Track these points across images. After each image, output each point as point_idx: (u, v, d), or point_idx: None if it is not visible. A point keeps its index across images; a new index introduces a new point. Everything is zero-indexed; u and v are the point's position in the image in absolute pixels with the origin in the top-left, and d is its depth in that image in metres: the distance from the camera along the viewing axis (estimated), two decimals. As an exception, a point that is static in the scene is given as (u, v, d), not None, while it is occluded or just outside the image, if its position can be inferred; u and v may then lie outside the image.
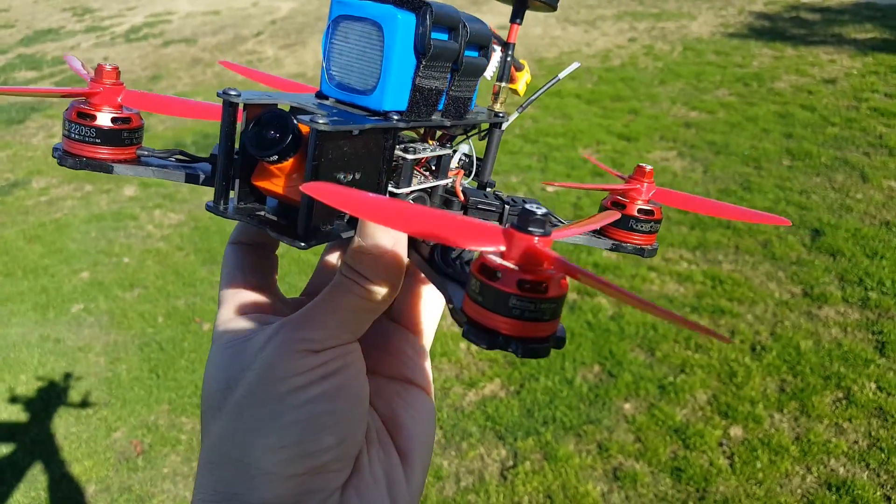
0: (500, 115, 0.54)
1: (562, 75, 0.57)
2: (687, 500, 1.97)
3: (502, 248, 0.31)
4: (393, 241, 0.38)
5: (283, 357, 0.37)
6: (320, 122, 0.36)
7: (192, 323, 3.06)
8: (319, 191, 0.32)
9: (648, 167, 0.55)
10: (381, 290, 0.39)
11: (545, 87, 0.57)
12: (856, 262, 2.88)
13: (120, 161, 0.45)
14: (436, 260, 0.39)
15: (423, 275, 0.48)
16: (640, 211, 0.54)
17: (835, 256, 2.93)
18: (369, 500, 0.41)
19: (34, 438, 2.51)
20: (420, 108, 0.45)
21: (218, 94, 0.40)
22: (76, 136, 0.45)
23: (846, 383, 2.29)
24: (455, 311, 0.33)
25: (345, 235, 0.42)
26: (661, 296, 2.80)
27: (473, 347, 2.63)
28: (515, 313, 0.30)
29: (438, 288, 0.38)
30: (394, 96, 0.43)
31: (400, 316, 0.51)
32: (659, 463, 2.08)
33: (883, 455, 2.04)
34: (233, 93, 0.40)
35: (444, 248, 0.40)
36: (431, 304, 0.51)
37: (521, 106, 0.57)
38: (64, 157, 0.44)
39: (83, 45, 8.16)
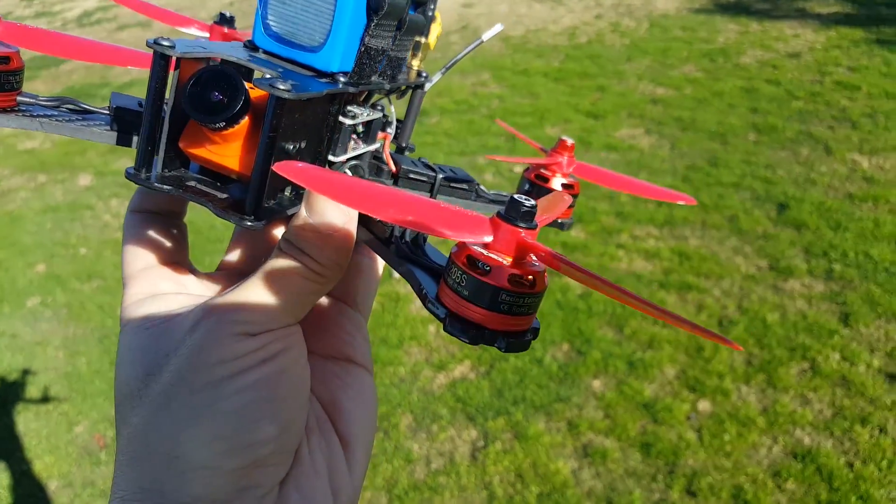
0: (423, 74, 0.52)
1: (485, 37, 0.55)
2: (656, 474, 1.98)
3: (488, 239, 0.30)
4: (345, 218, 0.35)
5: (216, 341, 0.34)
6: (280, 87, 0.32)
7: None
8: (298, 173, 0.29)
9: (570, 141, 0.55)
10: (327, 272, 0.35)
11: (469, 49, 0.55)
12: (820, 235, 2.90)
13: None
14: (398, 244, 0.36)
15: (362, 246, 0.45)
16: (562, 185, 0.54)
17: (800, 229, 2.96)
18: (310, 494, 0.38)
19: (-7, 435, 2.46)
20: (365, 70, 0.41)
21: (148, 44, 0.35)
22: None
23: (811, 354, 2.32)
24: (429, 300, 0.32)
25: (291, 211, 0.38)
26: (630, 273, 2.80)
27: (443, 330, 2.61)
28: (503, 308, 0.29)
29: (402, 274, 0.35)
30: (342, 56, 0.39)
31: (337, 289, 0.46)
32: (628, 438, 2.09)
33: (846, 423, 2.07)
34: (165, 43, 0.34)
35: (415, 234, 0.37)
36: (369, 277, 0.48)
37: (445, 67, 0.55)
38: None
39: (39, 30, 7.93)
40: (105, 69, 6.40)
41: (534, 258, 0.30)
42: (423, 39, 0.52)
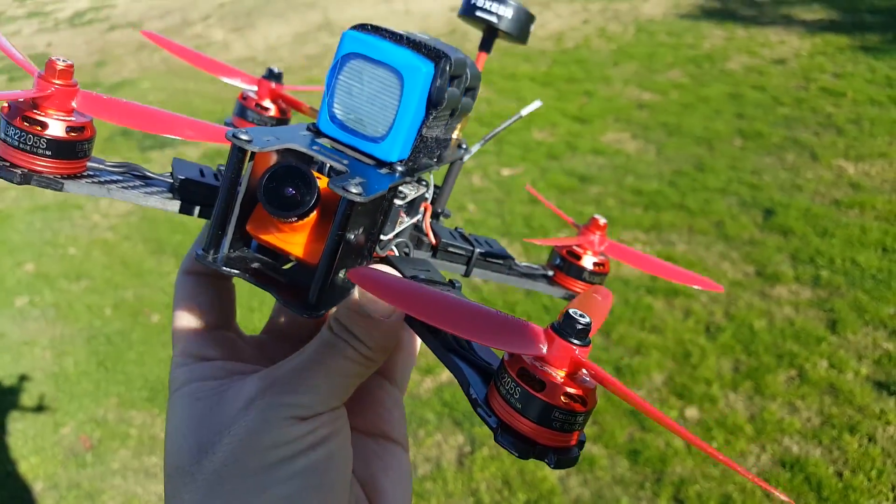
0: (464, 145, 0.54)
1: (524, 112, 0.57)
2: (644, 481, 1.98)
3: (542, 351, 0.30)
4: (395, 306, 0.36)
5: (269, 424, 0.35)
6: (353, 191, 0.33)
7: (141, 315, 2.98)
8: (370, 281, 0.31)
9: (603, 220, 0.57)
10: (374, 356, 0.37)
11: (507, 123, 0.58)
12: (807, 241, 2.92)
13: (70, 176, 0.40)
14: (450, 339, 0.36)
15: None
16: (593, 264, 0.56)
17: (786, 235, 2.97)
18: None
19: (-24, 437, 2.43)
20: (419, 156, 0.43)
21: (227, 136, 0.36)
22: (20, 145, 0.38)
23: (799, 361, 2.33)
24: (479, 405, 0.32)
25: (346, 296, 0.39)
26: (617, 278, 2.80)
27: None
28: (556, 425, 0.30)
29: (449, 368, 0.35)
30: (402, 146, 0.41)
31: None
32: (616, 445, 2.09)
33: (835, 432, 2.08)
34: (244, 137, 0.35)
35: None
36: (409, 353, 0.49)
37: (484, 138, 0.57)
38: (6, 167, 0.38)
39: (25, 31, 7.86)
40: (96, 69, 6.35)
41: (585, 373, 0.31)
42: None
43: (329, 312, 0.38)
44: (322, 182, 0.37)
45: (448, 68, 0.40)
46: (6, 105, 0.38)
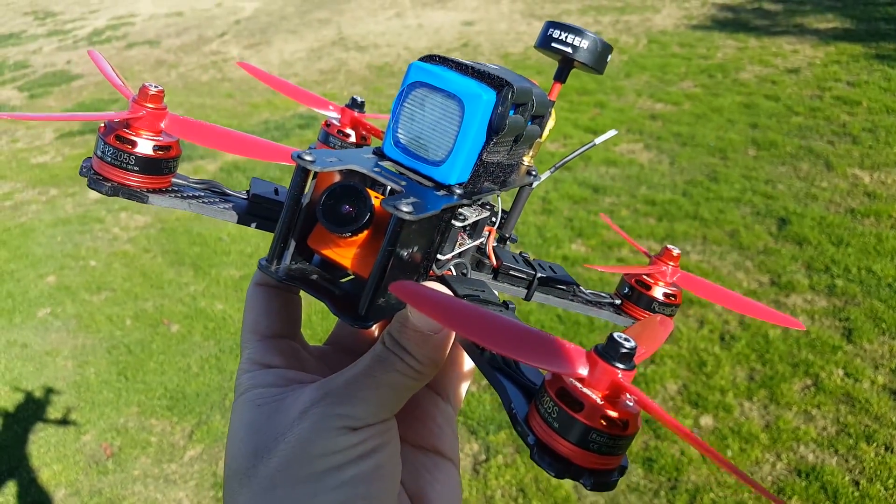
0: (533, 172, 0.54)
1: (598, 140, 0.57)
2: (659, 490, 1.99)
3: (583, 373, 0.30)
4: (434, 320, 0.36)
5: (320, 433, 0.36)
6: (404, 209, 0.35)
7: (161, 325, 3.02)
8: (413, 295, 0.31)
9: (676, 251, 0.55)
10: (424, 369, 0.38)
11: (581, 150, 0.57)
12: (822, 250, 2.92)
13: (155, 191, 0.43)
14: (497, 358, 0.37)
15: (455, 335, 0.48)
16: (663, 294, 0.54)
17: (801, 245, 2.97)
18: None
19: (2, 444, 2.47)
20: (479, 180, 0.44)
21: (292, 157, 0.38)
22: (113, 161, 0.42)
23: (814, 370, 2.33)
24: (519, 423, 0.32)
25: (399, 310, 0.41)
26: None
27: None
28: (594, 447, 0.29)
29: (493, 384, 0.36)
30: (461, 170, 0.42)
31: (432, 381, 0.48)
32: (630, 454, 2.10)
33: (851, 441, 2.07)
34: (308, 157, 0.38)
35: None
36: (463, 371, 0.50)
37: (554, 166, 0.57)
38: (97, 180, 0.42)
39: (45, 48, 8.01)
40: (114, 88, 6.44)
41: (628, 398, 0.30)
42: (537, 139, 0.54)
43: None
44: (378, 202, 0.39)
45: (510, 96, 0.41)
46: (102, 125, 0.43)
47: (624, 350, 0.30)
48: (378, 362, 0.37)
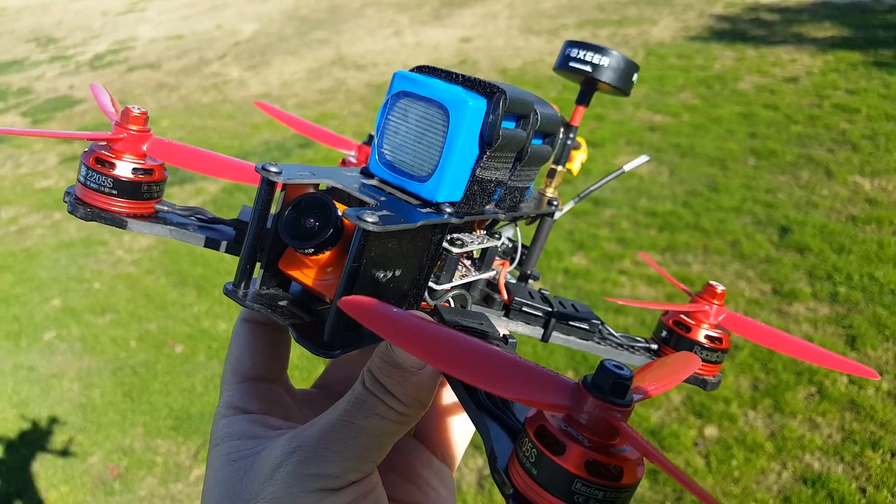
0: (555, 202, 0.49)
1: (627, 167, 0.54)
2: (664, 501, 1.98)
3: (568, 410, 0.26)
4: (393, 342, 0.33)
5: (293, 498, 0.32)
6: (368, 220, 0.32)
7: (165, 346, 3.03)
8: (361, 311, 0.28)
9: (720, 288, 0.48)
10: (409, 411, 0.33)
11: (608, 178, 0.53)
12: (824, 258, 2.92)
13: (136, 216, 0.41)
14: (483, 397, 0.32)
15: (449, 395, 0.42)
16: (706, 337, 0.47)
17: (803, 253, 2.97)
18: None
19: (10, 466, 2.48)
20: (475, 200, 0.40)
21: (256, 169, 0.36)
22: (92, 184, 0.40)
23: (818, 378, 2.32)
24: (497, 470, 0.27)
25: (371, 343, 0.36)
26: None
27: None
28: (579, 500, 0.24)
29: (475, 424, 0.31)
30: (450, 187, 0.38)
31: (424, 434, 0.44)
32: (636, 466, 2.09)
33: (857, 448, 2.07)
34: (273, 169, 0.35)
35: None
36: (460, 430, 0.45)
37: (579, 195, 0.53)
38: (75, 205, 0.40)
39: (48, 74, 8.08)
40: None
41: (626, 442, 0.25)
42: (558, 167, 0.50)
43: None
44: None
45: (502, 103, 0.37)
46: (86, 149, 0.41)
47: (614, 380, 0.25)
48: (356, 406, 0.33)
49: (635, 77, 0.50)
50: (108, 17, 10.60)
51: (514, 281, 0.50)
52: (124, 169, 0.40)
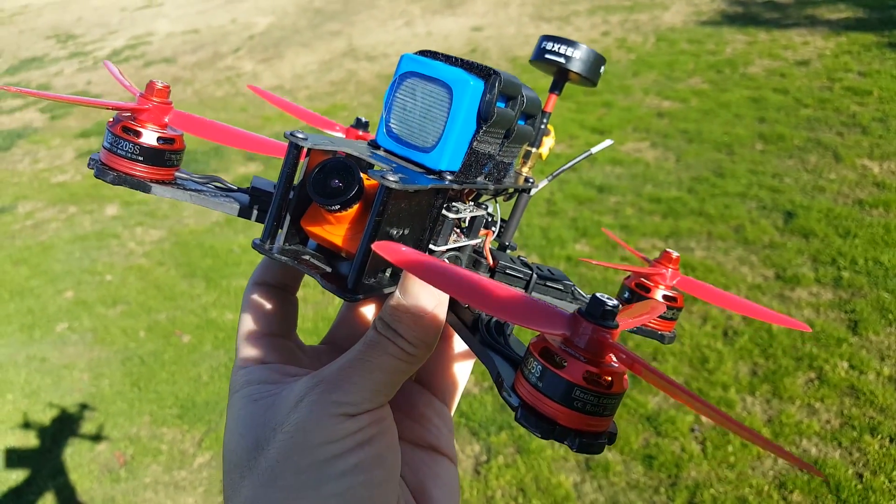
0: (530, 180, 0.55)
1: (594, 150, 0.59)
2: (659, 486, 1.99)
3: (566, 334, 0.30)
4: (435, 301, 0.37)
5: (318, 421, 0.36)
6: (391, 178, 0.36)
7: (172, 336, 3.08)
8: (394, 254, 0.32)
9: (675, 254, 0.54)
10: (417, 352, 0.37)
11: (577, 159, 0.59)
12: (828, 243, 2.89)
13: (158, 182, 0.44)
14: (482, 331, 0.38)
15: (453, 339, 0.48)
16: (663, 297, 0.53)
17: (807, 238, 2.95)
18: None
19: (20, 454, 2.54)
20: (471, 171, 0.45)
21: (285, 135, 0.40)
22: (118, 151, 0.44)
23: (818, 363, 2.31)
24: (504, 388, 0.32)
25: (387, 291, 0.41)
26: (623, 273, 2.81)
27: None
28: (577, 405, 0.29)
29: (482, 360, 0.36)
30: (451, 157, 0.43)
31: (427, 380, 0.49)
32: (631, 451, 2.10)
33: (855, 433, 2.06)
34: (300, 135, 0.39)
35: (498, 321, 0.39)
36: (460, 371, 0.51)
37: (552, 174, 0.59)
38: (103, 169, 0.43)
39: (66, 70, 8.19)
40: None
41: (613, 359, 0.30)
42: (533, 149, 0.56)
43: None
44: (369, 182, 0.41)
45: (497, 85, 0.42)
46: (111, 119, 0.45)
47: (605, 308, 0.30)
48: (370, 347, 0.37)
49: (602, 69, 0.56)
50: (127, 13, 10.70)
51: (493, 249, 0.56)
52: (150, 137, 0.44)
